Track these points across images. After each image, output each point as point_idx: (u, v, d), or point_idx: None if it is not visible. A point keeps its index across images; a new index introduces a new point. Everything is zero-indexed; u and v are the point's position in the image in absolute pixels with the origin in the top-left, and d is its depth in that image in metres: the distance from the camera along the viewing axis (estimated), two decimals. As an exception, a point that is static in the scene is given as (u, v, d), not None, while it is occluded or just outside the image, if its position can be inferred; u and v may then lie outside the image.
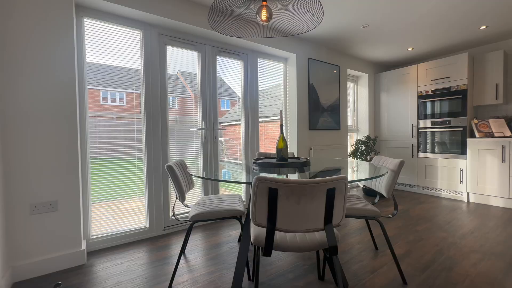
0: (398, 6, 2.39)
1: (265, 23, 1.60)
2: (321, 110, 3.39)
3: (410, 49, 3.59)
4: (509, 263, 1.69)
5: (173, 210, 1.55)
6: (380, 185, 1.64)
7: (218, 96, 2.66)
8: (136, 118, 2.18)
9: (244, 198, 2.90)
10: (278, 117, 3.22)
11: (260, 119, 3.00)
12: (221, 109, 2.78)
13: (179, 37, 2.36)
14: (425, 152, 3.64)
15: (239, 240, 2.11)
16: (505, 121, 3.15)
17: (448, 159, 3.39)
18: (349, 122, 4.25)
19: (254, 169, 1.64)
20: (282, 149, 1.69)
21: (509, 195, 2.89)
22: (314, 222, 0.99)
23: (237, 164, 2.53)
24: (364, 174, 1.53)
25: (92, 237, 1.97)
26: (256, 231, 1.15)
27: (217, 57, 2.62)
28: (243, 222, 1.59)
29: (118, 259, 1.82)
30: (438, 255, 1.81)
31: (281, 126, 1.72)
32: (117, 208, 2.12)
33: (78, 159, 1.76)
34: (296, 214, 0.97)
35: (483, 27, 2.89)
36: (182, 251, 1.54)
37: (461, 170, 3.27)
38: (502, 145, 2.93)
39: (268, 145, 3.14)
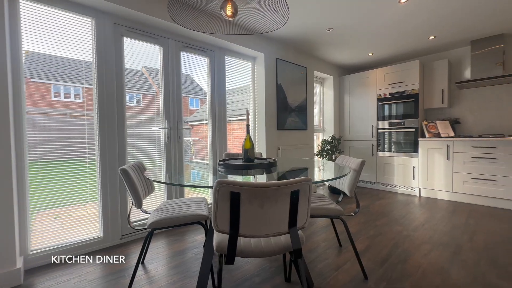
0: (359, 14, 2.50)
1: (230, 19, 1.54)
2: (289, 110, 3.44)
3: (370, 54, 3.81)
4: (454, 252, 1.86)
5: (128, 217, 1.41)
6: (344, 184, 1.68)
7: (185, 94, 2.52)
8: (88, 116, 1.96)
9: (210, 201, 2.80)
10: (244, 117, 3.18)
11: (228, 119, 2.92)
12: (190, 107, 2.66)
13: (138, 29, 2.18)
14: (383, 151, 3.90)
15: (205, 245, 2.01)
16: (449, 123, 3.52)
17: (403, 157, 3.68)
18: (316, 123, 4.38)
19: (219, 171, 1.57)
20: (248, 150, 1.64)
21: (453, 189, 3.23)
22: (278, 226, 0.95)
23: (205, 165, 2.42)
24: (329, 174, 1.55)
25: (32, 252, 1.71)
26: (219, 238, 1.08)
27: (182, 53, 2.49)
28: (208, 227, 1.51)
29: (63, 276, 1.60)
30: (395, 249, 1.93)
31: (248, 126, 1.67)
32: (67, 217, 1.87)
33: (11, 162, 1.51)
34: (260, 219, 0.92)
35: (432, 37, 3.18)
36: (139, 262, 1.41)
37: (414, 167, 3.57)
38: (447, 145, 3.26)
39: (237, 145, 3.08)
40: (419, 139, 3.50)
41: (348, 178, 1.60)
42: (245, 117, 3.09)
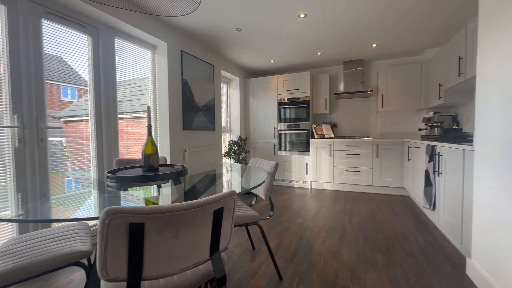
0: (264, 20, 2.60)
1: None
2: (196, 110, 3.19)
3: (272, 61, 4.11)
4: (341, 235, 2.22)
5: None
6: (259, 188, 1.66)
7: (51, 80, 1.82)
8: None
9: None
10: (146, 114, 2.70)
11: (121, 116, 2.37)
12: (62, 99, 1.97)
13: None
14: (283, 150, 4.32)
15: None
16: (330, 126, 4.30)
17: (298, 155, 4.20)
18: (223, 123, 4.32)
19: (109, 186, 1.18)
20: (151, 155, 1.33)
21: (334, 180, 3.95)
22: (198, 255, 0.76)
23: (86, 176, 1.82)
24: (246, 179, 1.47)
25: None
26: (111, 284, 0.77)
27: (44, 21, 1.78)
28: (91, 268, 1.10)
29: None
30: (300, 241, 2.10)
31: (149, 126, 1.35)
32: None
33: None
34: (174, 252, 0.70)
35: (319, 53, 3.77)
36: None
37: (307, 164, 4.14)
38: (330, 144, 3.95)
39: (132, 147, 2.55)
40: (310, 139, 4.08)
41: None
42: (144, 114, 2.61)
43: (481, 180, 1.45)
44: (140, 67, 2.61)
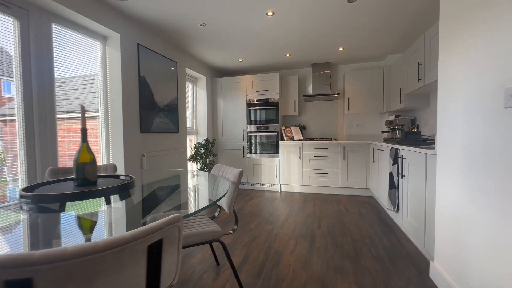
0: (231, 15, 2.44)
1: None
2: (156, 110, 2.90)
3: (240, 60, 3.96)
4: (310, 242, 2.15)
5: None
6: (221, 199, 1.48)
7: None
8: None
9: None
10: (95, 114, 2.36)
11: (64, 116, 2.02)
12: (4, 94, 1.64)
13: None
14: (253, 153, 4.19)
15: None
16: (299, 128, 4.29)
17: (268, 158, 4.11)
18: (189, 125, 4.06)
19: (23, 208, 0.92)
20: (86, 165, 1.08)
21: (303, 182, 3.93)
22: (127, 305, 0.57)
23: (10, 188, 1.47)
24: (207, 190, 1.29)
25: None
26: None
27: None
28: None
29: None
30: (268, 251, 1.98)
31: (84, 130, 1.11)
32: None
33: None
34: (87, 309, 0.50)
35: (288, 54, 3.72)
36: None
37: (276, 166, 4.07)
38: (299, 146, 3.93)
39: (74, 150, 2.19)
40: (280, 142, 4.02)
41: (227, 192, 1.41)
42: (93, 114, 2.28)
43: (444, 184, 1.47)
44: (87, 60, 2.26)
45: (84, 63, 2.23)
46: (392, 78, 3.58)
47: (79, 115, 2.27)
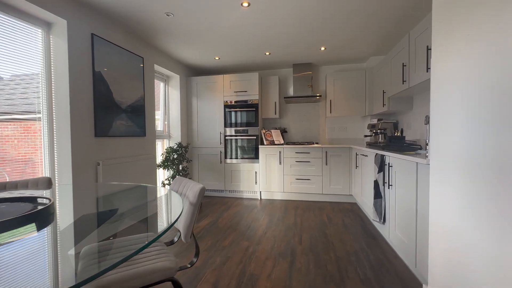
0: (200, 3, 2.16)
1: None
2: (116, 111, 2.53)
3: (217, 58, 3.67)
4: (290, 261, 1.90)
5: None
6: (179, 221, 1.19)
7: None
8: None
9: None
10: (35, 115, 1.96)
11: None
12: None
13: None
14: (231, 158, 3.90)
15: None
16: (280, 132, 4.06)
17: (247, 163, 3.84)
18: (160, 127, 3.69)
19: None
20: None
21: (284, 189, 3.70)
22: None
23: None
24: (159, 211, 0.98)
25: None
26: None
27: None
28: None
29: None
30: (242, 276, 1.70)
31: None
32: None
33: None
34: None
35: (267, 53, 3.48)
36: None
37: (256, 172, 3.80)
38: (279, 151, 3.70)
39: (15, 160, 1.80)
40: (260, 146, 3.76)
41: (183, 214, 1.12)
42: (31, 115, 1.87)
43: (439, 199, 1.28)
44: (24, 50, 1.86)
45: (21, 52, 1.83)
46: (374, 80, 3.46)
47: (15, 116, 1.87)
